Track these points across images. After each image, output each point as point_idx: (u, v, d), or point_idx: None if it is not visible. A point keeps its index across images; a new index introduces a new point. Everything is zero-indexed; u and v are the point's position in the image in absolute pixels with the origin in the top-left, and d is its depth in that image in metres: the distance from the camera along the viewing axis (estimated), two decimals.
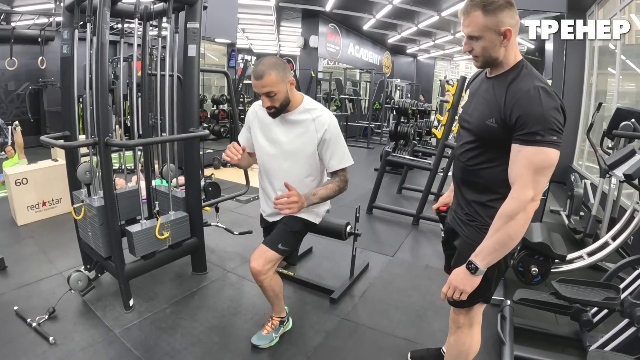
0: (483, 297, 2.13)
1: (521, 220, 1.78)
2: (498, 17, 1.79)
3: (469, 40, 1.91)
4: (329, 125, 2.69)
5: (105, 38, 2.96)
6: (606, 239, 3.92)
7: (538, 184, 1.76)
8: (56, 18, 9.56)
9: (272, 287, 2.88)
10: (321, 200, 2.73)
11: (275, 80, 2.50)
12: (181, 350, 2.95)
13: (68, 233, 4.43)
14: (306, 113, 2.71)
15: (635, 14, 6.62)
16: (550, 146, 1.71)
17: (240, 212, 6.03)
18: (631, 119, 4.33)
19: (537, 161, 1.74)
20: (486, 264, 1.88)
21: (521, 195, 1.77)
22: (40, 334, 2.98)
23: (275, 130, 2.77)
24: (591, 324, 3.02)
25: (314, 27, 14.92)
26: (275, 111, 2.63)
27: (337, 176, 2.78)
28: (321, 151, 2.73)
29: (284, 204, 2.51)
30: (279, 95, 2.55)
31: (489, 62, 1.93)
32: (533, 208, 1.78)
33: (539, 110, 1.72)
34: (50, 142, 3.22)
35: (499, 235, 1.84)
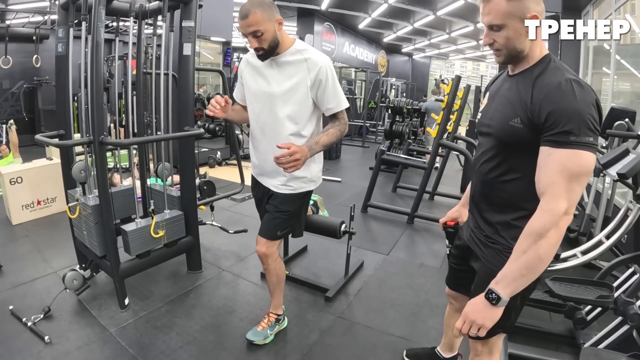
0: (502, 327, 1.80)
1: (553, 239, 1.53)
2: (523, 2, 1.58)
3: (490, 32, 1.68)
4: (323, 65, 2.56)
5: (101, 36, 2.95)
6: (600, 238, 3.93)
7: (573, 193, 1.52)
8: (51, 16, 9.53)
9: (276, 271, 2.90)
10: (324, 148, 2.59)
11: (261, 18, 2.39)
12: (176, 348, 2.95)
13: (63, 232, 4.42)
14: (298, 54, 2.58)
15: (631, 14, 6.64)
16: (586, 148, 1.48)
17: (235, 211, 6.03)
18: (625, 118, 4.34)
19: (572, 166, 1.50)
20: (510, 293, 1.60)
21: (553, 207, 1.52)
22: (35, 333, 2.98)
23: (265, 73, 2.65)
24: (585, 322, 3.04)
25: (309, 26, 14.93)
26: (263, 53, 2.52)
27: (337, 119, 2.67)
28: (317, 94, 2.60)
29: (286, 163, 2.33)
30: (267, 34, 2.44)
31: (513, 55, 1.70)
32: (566, 223, 1.52)
33: (572, 105, 1.50)
34: (45, 141, 3.22)
35: (526, 258, 1.56)
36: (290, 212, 2.80)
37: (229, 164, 9.33)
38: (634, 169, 3.24)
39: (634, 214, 3.65)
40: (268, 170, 2.76)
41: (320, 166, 2.90)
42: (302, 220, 2.98)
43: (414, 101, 10.72)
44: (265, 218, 2.87)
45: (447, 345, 2.76)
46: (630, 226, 3.68)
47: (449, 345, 2.75)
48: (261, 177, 2.87)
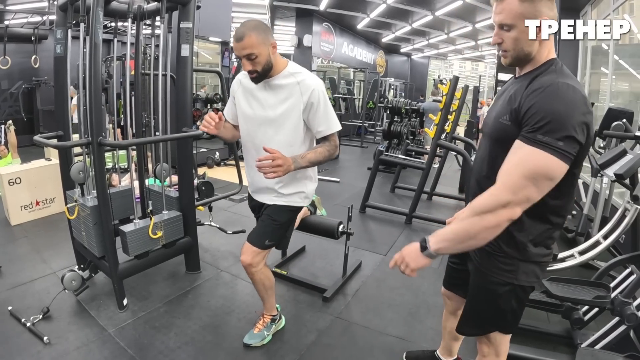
0: (497, 326, 1.94)
1: (486, 222, 1.57)
2: (536, 6, 1.59)
3: (500, 31, 1.69)
4: (315, 88, 2.57)
5: (99, 38, 2.95)
6: (597, 238, 3.94)
7: (521, 190, 1.52)
8: (50, 16, 9.54)
9: (262, 281, 2.88)
10: (310, 165, 2.59)
11: (255, 42, 2.41)
12: (175, 349, 2.96)
13: (62, 233, 4.42)
14: (291, 77, 2.59)
15: (629, 14, 6.65)
16: (552, 152, 1.47)
17: (233, 211, 6.03)
18: (622, 119, 4.35)
19: (530, 165, 1.51)
20: (436, 249, 1.67)
21: (498, 195, 1.56)
22: (34, 333, 2.98)
23: (259, 96, 2.66)
24: (582, 322, 3.05)
25: (307, 26, 14.95)
26: (257, 76, 2.53)
27: (327, 141, 2.67)
28: (308, 117, 2.61)
29: (267, 166, 2.34)
30: (261, 58, 2.46)
31: (520, 57, 1.70)
32: (506, 216, 1.54)
33: (552, 106, 1.50)
34: (44, 142, 3.23)
35: (459, 226, 1.66)
36: (281, 222, 2.81)
37: (227, 164, 9.32)
38: (631, 170, 3.25)
39: (631, 214, 3.66)
40: (262, 187, 2.79)
41: (315, 185, 2.94)
42: (288, 234, 3.03)
43: (413, 101, 10.74)
44: (255, 226, 2.89)
45: (446, 350, 2.76)
46: (628, 226, 3.69)
47: (448, 350, 2.75)
48: (256, 194, 2.90)
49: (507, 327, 1.95)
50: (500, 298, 1.81)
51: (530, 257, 1.75)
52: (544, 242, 1.76)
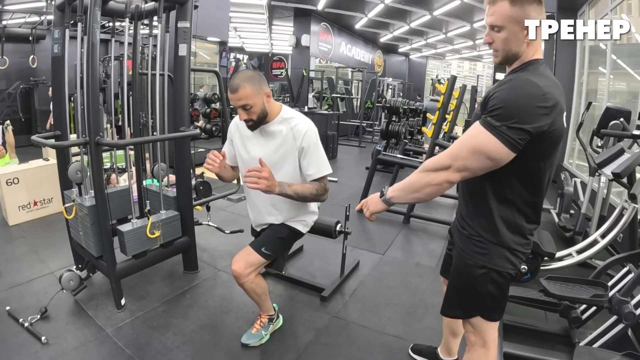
0: (477, 310, 2.01)
1: (429, 178, 1.79)
2: (525, 9, 1.69)
3: (491, 31, 1.79)
4: (307, 132, 2.69)
5: (96, 37, 2.96)
6: (595, 237, 3.94)
7: (462, 159, 1.71)
8: (47, 16, 9.52)
9: (253, 290, 2.88)
10: (295, 194, 2.64)
11: (250, 93, 2.53)
12: (173, 348, 2.96)
13: (59, 233, 4.42)
14: (284, 123, 2.71)
15: (627, 14, 6.66)
16: (492, 131, 1.63)
17: (231, 211, 6.04)
18: (620, 118, 4.36)
19: (472, 139, 1.69)
20: (390, 197, 1.96)
21: (442, 157, 1.77)
22: (32, 333, 2.98)
23: (255, 143, 2.80)
24: (580, 321, 3.04)
25: (306, 26, 14.97)
26: (253, 124, 2.66)
27: (317, 183, 2.75)
28: (300, 159, 2.73)
29: (254, 176, 2.43)
30: (255, 107, 2.57)
31: (508, 56, 1.80)
32: (445, 179, 1.75)
33: (508, 96, 1.65)
34: (41, 142, 3.22)
35: (410, 179, 1.88)
36: (281, 236, 2.89)
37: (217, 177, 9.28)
38: (628, 169, 3.26)
39: (629, 213, 3.66)
40: (265, 223, 2.95)
41: (316, 217, 3.12)
42: (285, 254, 3.09)
43: (411, 101, 10.74)
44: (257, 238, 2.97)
45: (446, 347, 2.78)
46: (626, 225, 3.69)
47: (447, 347, 2.77)
48: (259, 227, 3.02)
49: (488, 313, 2.01)
50: (477, 280, 1.92)
51: (503, 242, 1.85)
52: (518, 229, 1.85)
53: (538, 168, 1.75)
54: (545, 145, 1.68)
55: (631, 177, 3.52)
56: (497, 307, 2.00)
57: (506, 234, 1.84)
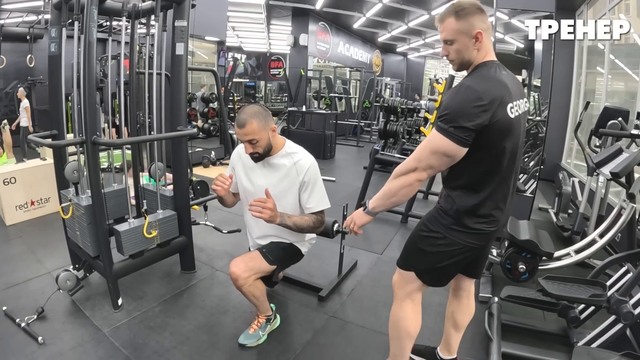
0: (414, 267, 2.33)
1: (402, 181, 2.07)
2: (469, 22, 1.96)
3: (445, 45, 2.08)
4: (309, 168, 2.85)
5: (93, 36, 2.94)
6: (593, 237, 3.94)
7: (422, 161, 2.00)
8: (45, 16, 9.51)
9: (251, 293, 2.89)
10: (293, 225, 2.80)
11: (257, 128, 2.67)
12: (170, 349, 2.95)
13: (57, 232, 4.41)
14: (288, 157, 2.88)
15: (625, 14, 6.66)
16: (443, 133, 1.92)
17: (229, 211, 5.97)
18: (618, 117, 4.36)
19: (430, 141, 1.98)
20: (373, 207, 2.24)
21: (409, 162, 2.04)
22: (29, 334, 2.97)
23: (258, 174, 2.94)
24: (578, 321, 3.04)
25: (304, 26, 14.94)
26: (258, 156, 2.80)
27: (314, 216, 2.92)
28: (300, 193, 2.88)
29: (259, 206, 2.60)
30: (261, 142, 2.72)
31: (463, 64, 2.08)
32: (415, 178, 2.03)
33: (448, 101, 1.96)
34: (38, 142, 3.21)
35: (385, 187, 2.16)
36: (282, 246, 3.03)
37: (223, 163, 9.29)
38: (627, 168, 3.26)
39: (627, 212, 3.66)
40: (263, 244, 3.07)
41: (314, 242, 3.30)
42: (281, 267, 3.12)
43: (409, 101, 10.73)
44: None
45: (445, 344, 2.78)
46: (624, 225, 3.68)
47: (447, 344, 2.77)
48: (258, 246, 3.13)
49: (423, 272, 2.31)
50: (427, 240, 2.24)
51: (462, 222, 2.12)
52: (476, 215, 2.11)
53: (491, 155, 2.00)
54: (491, 135, 1.92)
55: (629, 177, 3.51)
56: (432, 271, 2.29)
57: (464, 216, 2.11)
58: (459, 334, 2.71)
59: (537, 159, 5.10)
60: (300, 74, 14.70)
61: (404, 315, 2.44)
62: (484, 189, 2.07)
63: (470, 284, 2.59)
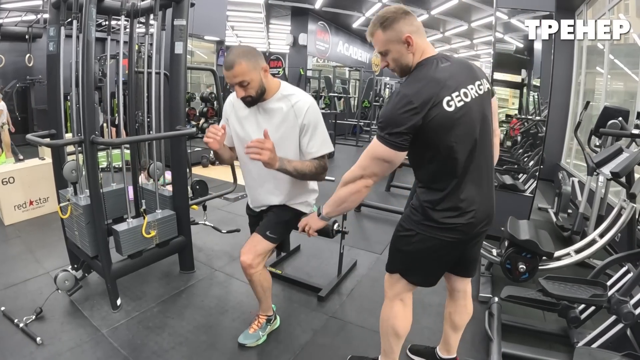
0: (397, 268, 2.38)
1: (350, 189, 2.16)
2: (395, 29, 2.00)
3: (382, 57, 2.12)
4: (309, 109, 2.61)
5: (91, 35, 2.93)
6: (593, 237, 3.93)
7: (367, 168, 2.08)
8: (44, 15, 9.49)
9: (261, 282, 2.86)
10: (294, 171, 2.56)
11: (246, 68, 2.43)
12: (168, 349, 2.94)
13: (55, 232, 4.40)
14: (284, 100, 2.62)
15: (624, 14, 6.65)
16: (381, 140, 1.98)
17: (228, 210, 6.02)
18: (618, 117, 4.35)
19: (371, 150, 2.05)
20: (326, 213, 2.35)
21: (355, 170, 2.13)
22: (27, 334, 2.96)
23: (253, 122, 2.70)
24: (579, 321, 3.04)
25: (303, 25, 14.93)
26: (251, 100, 2.56)
27: (316, 161, 2.67)
28: (300, 137, 2.64)
29: (257, 146, 2.36)
30: (253, 83, 2.48)
31: (403, 69, 2.10)
32: (362, 184, 2.12)
33: (382, 110, 2.07)
34: (36, 141, 3.20)
35: (335, 194, 2.24)
36: (284, 219, 2.85)
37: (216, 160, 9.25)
38: (627, 168, 3.25)
39: (627, 212, 3.65)
40: (263, 204, 2.92)
41: (317, 195, 3.04)
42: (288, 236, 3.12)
43: None
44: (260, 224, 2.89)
45: (445, 343, 2.78)
46: (624, 225, 3.68)
47: (446, 344, 2.76)
48: (257, 208, 3.00)
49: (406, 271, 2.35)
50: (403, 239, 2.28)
51: (430, 216, 2.14)
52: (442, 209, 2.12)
53: (439, 151, 2.02)
54: (430, 134, 1.96)
55: (630, 177, 3.50)
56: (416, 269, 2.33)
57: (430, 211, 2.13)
58: (457, 334, 2.71)
59: (537, 158, 5.09)
60: (300, 74, 14.69)
61: (393, 315, 2.47)
62: (444, 184, 2.09)
63: (464, 284, 2.56)
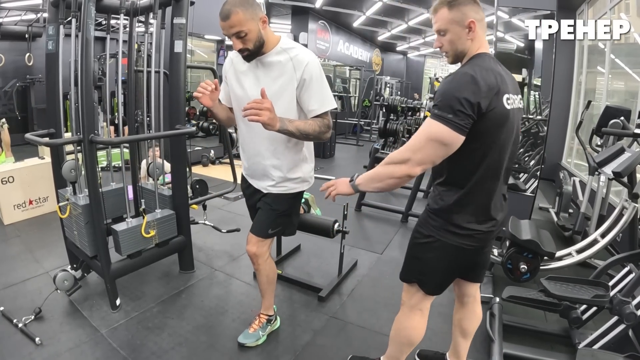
0: (415, 278, 2.26)
1: (390, 170, 1.98)
2: (462, 11, 1.91)
3: (439, 37, 2.02)
4: (309, 63, 2.47)
5: (90, 34, 2.91)
6: (595, 237, 3.92)
7: (418, 151, 1.89)
8: (44, 14, 9.47)
9: (267, 272, 2.87)
10: (297, 131, 2.41)
11: (243, 18, 2.30)
12: (168, 350, 2.93)
13: (55, 232, 4.39)
14: (284, 53, 2.49)
15: (625, 13, 6.64)
16: (440, 120, 1.81)
17: (228, 210, 6.00)
18: (620, 117, 4.34)
19: (426, 130, 1.87)
20: (359, 183, 2.14)
21: (402, 151, 1.94)
22: (26, 334, 2.94)
23: (250, 76, 2.58)
24: (580, 321, 3.02)
25: (303, 24, 14.91)
26: (249, 54, 2.44)
27: (319, 119, 2.53)
28: (300, 94, 2.51)
29: (254, 107, 2.21)
30: (251, 34, 2.36)
31: (457, 55, 2.02)
32: (405, 171, 1.93)
33: (444, 87, 1.86)
34: (35, 140, 3.18)
35: (375, 169, 2.08)
36: (282, 211, 2.77)
37: (222, 162, 9.28)
38: (629, 168, 3.24)
39: (629, 212, 3.64)
40: (258, 173, 2.75)
41: (312, 165, 2.86)
42: (294, 220, 2.95)
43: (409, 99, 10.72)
44: (257, 216, 2.84)
45: (454, 351, 2.73)
46: (626, 225, 3.67)
47: (456, 352, 2.72)
48: (251, 179, 2.85)
49: (424, 281, 2.23)
50: (422, 247, 2.16)
51: (451, 220, 2.04)
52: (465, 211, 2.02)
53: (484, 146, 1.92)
54: (487, 124, 1.85)
55: (631, 177, 3.49)
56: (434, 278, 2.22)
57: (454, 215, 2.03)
58: (467, 341, 2.65)
59: (538, 158, 5.08)
60: None
61: (411, 326, 2.37)
62: (475, 184, 1.98)
63: (474, 289, 2.51)
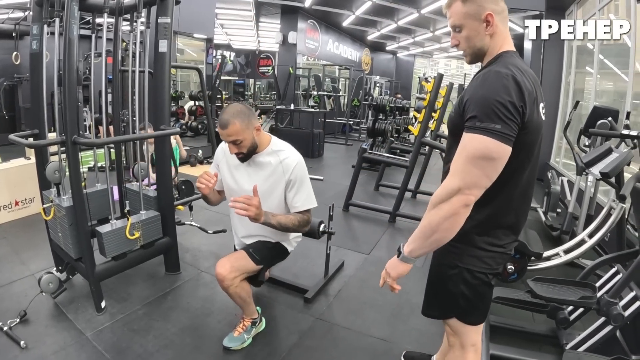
0: (452, 311, 1.99)
1: (443, 211, 1.61)
2: (477, 2, 1.72)
3: (455, 34, 1.83)
4: (296, 166, 2.80)
5: (74, 34, 2.89)
6: (583, 237, 3.93)
7: (467, 174, 1.58)
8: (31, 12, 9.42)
9: (238, 294, 2.87)
10: (278, 225, 2.73)
11: (239, 128, 2.62)
12: (153, 352, 2.90)
13: (41, 233, 4.32)
14: (274, 155, 2.83)
15: (614, 14, 6.67)
16: (487, 134, 1.55)
17: (214, 211, 5.93)
18: (608, 117, 4.35)
19: (470, 149, 1.59)
20: (409, 251, 1.76)
21: (448, 183, 1.62)
22: (11, 337, 2.91)
23: (243, 173, 2.90)
24: (568, 322, 3.03)
25: (293, 23, 14.94)
26: (243, 157, 2.77)
27: (300, 215, 2.86)
28: (286, 191, 2.83)
29: (243, 202, 2.49)
30: (245, 142, 2.68)
31: (475, 53, 1.82)
32: (461, 202, 1.59)
33: (480, 92, 1.61)
34: (18, 141, 3.14)
35: (422, 224, 1.69)
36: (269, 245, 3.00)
37: (210, 162, 9.23)
38: (616, 168, 3.24)
39: (616, 213, 3.64)
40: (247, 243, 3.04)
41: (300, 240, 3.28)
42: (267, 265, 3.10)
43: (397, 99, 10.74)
44: None
45: (443, 355, 2.67)
46: (613, 225, 3.67)
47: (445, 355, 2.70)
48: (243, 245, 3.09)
49: (463, 314, 1.98)
50: (450, 280, 1.89)
51: (474, 243, 1.81)
52: (490, 232, 1.81)
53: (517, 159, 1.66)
54: (527, 135, 1.64)
55: (619, 177, 3.50)
56: (473, 309, 1.96)
57: (475, 237, 1.81)
58: None
59: None
60: (289, 72, 14.69)
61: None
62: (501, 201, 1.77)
63: None
